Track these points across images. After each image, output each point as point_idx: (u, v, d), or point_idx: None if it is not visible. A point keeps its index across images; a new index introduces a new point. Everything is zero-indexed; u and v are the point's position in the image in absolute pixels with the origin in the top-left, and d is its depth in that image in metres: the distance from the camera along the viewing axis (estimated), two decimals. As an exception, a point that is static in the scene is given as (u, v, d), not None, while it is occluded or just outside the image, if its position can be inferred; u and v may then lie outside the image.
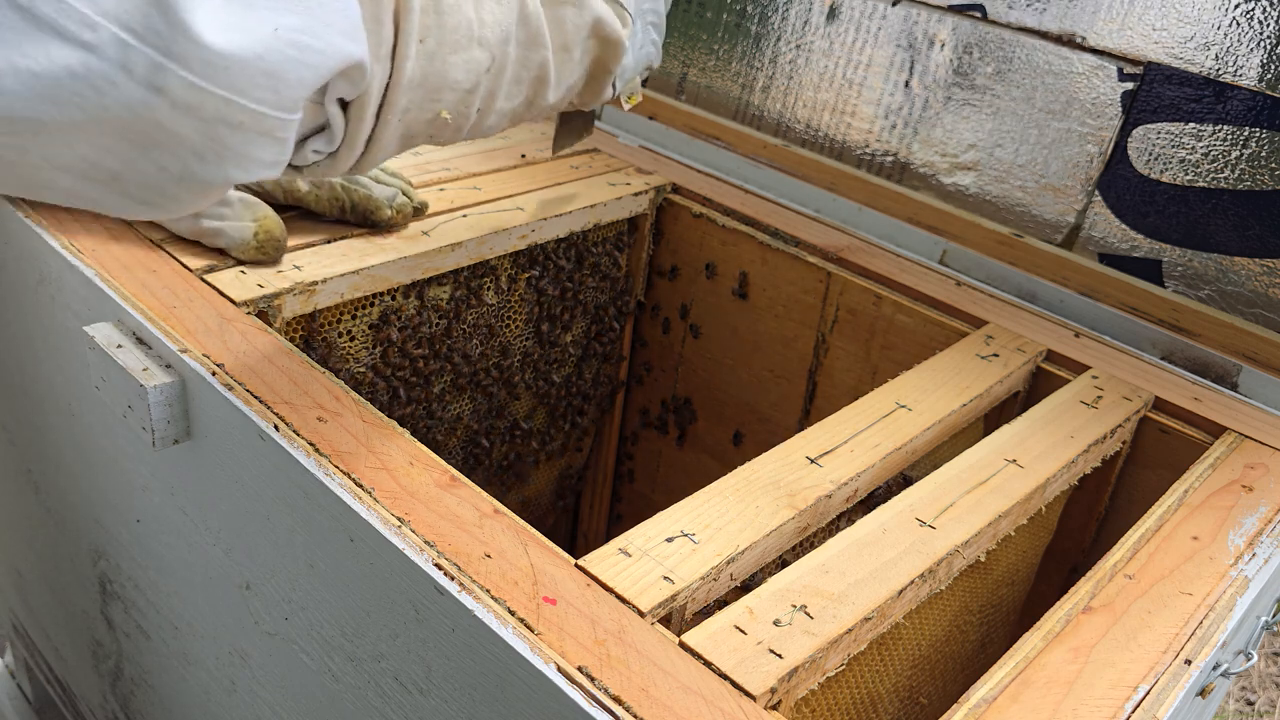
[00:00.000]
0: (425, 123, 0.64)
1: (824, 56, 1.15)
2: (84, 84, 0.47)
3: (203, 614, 0.83)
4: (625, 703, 0.50)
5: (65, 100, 0.47)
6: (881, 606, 0.60)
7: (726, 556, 0.62)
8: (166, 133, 0.50)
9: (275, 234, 0.84)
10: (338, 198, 0.91)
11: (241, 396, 0.67)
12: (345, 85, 0.56)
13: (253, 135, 0.52)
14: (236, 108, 0.50)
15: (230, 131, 0.51)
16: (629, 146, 1.22)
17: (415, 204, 0.95)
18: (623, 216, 1.10)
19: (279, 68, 0.51)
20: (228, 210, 0.83)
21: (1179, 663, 0.59)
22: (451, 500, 0.62)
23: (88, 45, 0.46)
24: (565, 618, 0.55)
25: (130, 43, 0.47)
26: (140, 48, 0.47)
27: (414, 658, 0.60)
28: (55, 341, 0.87)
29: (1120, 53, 0.95)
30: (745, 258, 1.10)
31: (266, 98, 0.51)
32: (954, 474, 0.72)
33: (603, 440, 1.30)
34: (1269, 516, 0.73)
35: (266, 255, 0.84)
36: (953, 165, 1.08)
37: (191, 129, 0.50)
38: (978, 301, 0.97)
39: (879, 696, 0.68)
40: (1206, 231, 0.93)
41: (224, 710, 0.86)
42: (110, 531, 0.92)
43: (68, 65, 0.46)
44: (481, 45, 0.63)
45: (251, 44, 0.49)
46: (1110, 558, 0.67)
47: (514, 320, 1.06)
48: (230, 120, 0.50)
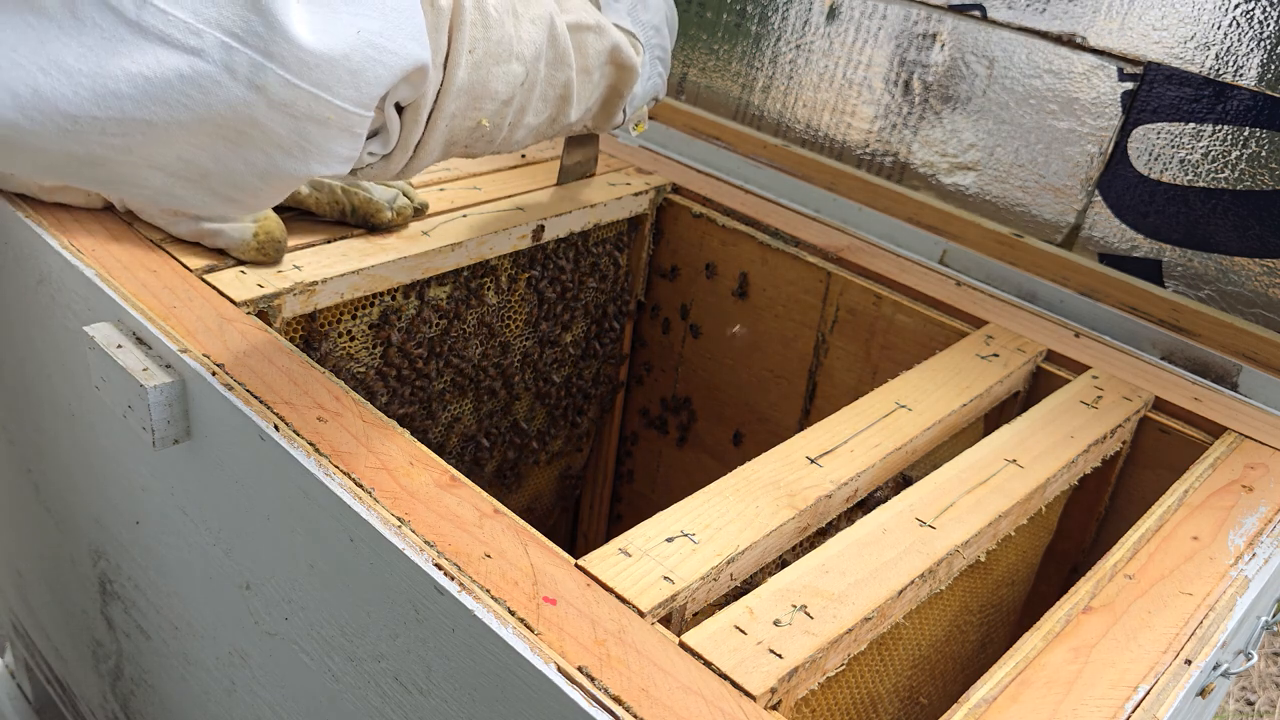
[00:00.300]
0: (467, 130, 0.69)
1: (824, 56, 1.15)
2: (191, 85, 0.51)
3: (203, 614, 0.83)
4: (625, 703, 0.50)
5: (174, 101, 0.51)
6: (881, 606, 0.60)
7: (726, 556, 0.62)
8: (260, 129, 0.54)
9: (275, 235, 0.84)
10: (338, 200, 0.91)
11: (241, 396, 0.67)
12: (407, 89, 0.61)
13: (335, 131, 0.56)
14: (324, 104, 0.54)
15: (317, 128, 0.55)
16: (629, 146, 1.22)
17: (416, 205, 0.95)
18: (623, 216, 1.11)
19: (361, 67, 0.55)
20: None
21: (1179, 663, 0.59)
22: (451, 500, 0.62)
23: (194, 50, 0.50)
24: (565, 618, 0.55)
25: (233, 45, 0.51)
26: (242, 49, 0.51)
27: (414, 658, 0.60)
28: (55, 341, 0.87)
29: (1120, 53, 0.95)
30: (745, 258, 1.10)
31: (350, 95, 0.55)
32: (954, 474, 0.72)
33: (603, 440, 1.30)
34: (1269, 516, 0.73)
35: (266, 256, 0.84)
36: (953, 165, 1.08)
37: (283, 125, 0.54)
38: (978, 301, 0.97)
39: (879, 696, 0.68)
40: (1206, 231, 0.93)
41: (224, 710, 0.86)
42: (110, 531, 0.92)
43: (177, 69, 0.50)
44: (519, 60, 0.69)
45: (338, 44, 0.54)
46: (1110, 558, 0.67)
47: (514, 320, 1.06)
48: (318, 116, 0.55)
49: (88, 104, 0.50)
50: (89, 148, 0.52)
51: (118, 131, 0.51)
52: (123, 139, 0.52)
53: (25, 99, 0.49)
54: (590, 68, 0.78)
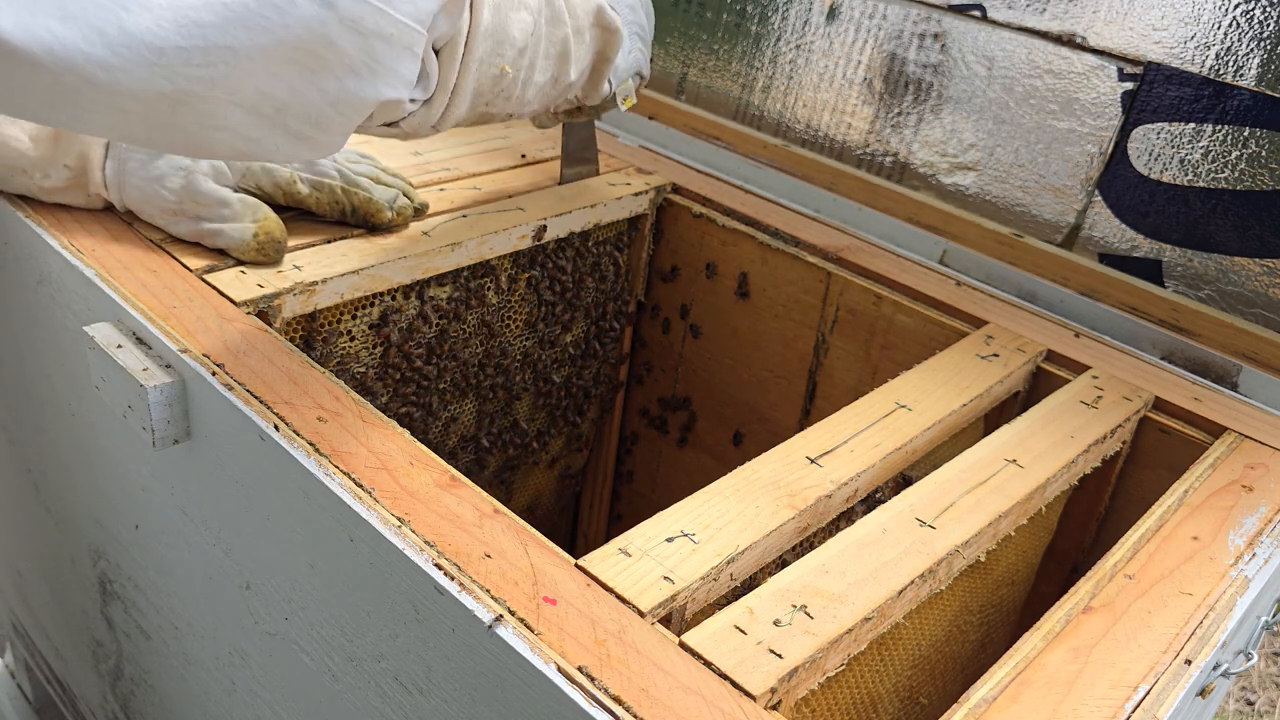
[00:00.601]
0: (492, 80, 0.74)
1: (824, 56, 1.15)
2: (267, 5, 0.54)
3: (203, 614, 0.83)
4: (625, 703, 0.50)
5: (253, 24, 0.54)
6: (881, 606, 0.60)
7: (726, 556, 0.62)
8: (333, 49, 0.58)
9: (275, 235, 0.84)
10: (338, 200, 0.91)
11: (241, 396, 0.67)
12: (445, 22, 0.66)
13: (399, 49, 0.61)
14: (388, 19, 0.58)
15: (383, 44, 0.59)
16: (629, 146, 1.22)
17: (416, 205, 0.95)
18: (623, 216, 1.10)
19: None
20: (228, 211, 0.83)
21: (1179, 663, 0.59)
22: (451, 500, 0.62)
23: None
24: (565, 618, 0.55)
25: None
26: None
27: (414, 658, 0.60)
28: (55, 341, 0.87)
29: (1120, 53, 0.95)
30: (745, 258, 1.10)
31: (408, 9, 0.60)
32: (954, 474, 0.72)
33: (603, 440, 1.30)
34: (1269, 516, 0.73)
35: (267, 256, 0.84)
36: (953, 165, 1.08)
37: (353, 44, 0.58)
38: (978, 301, 0.97)
39: (879, 696, 0.68)
40: (1206, 231, 0.93)
41: (224, 710, 0.86)
42: (110, 531, 0.92)
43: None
44: (527, 9, 0.75)
45: None
46: (1110, 558, 0.67)
47: (514, 320, 1.06)
48: (383, 33, 0.59)
49: (171, 34, 0.52)
50: (175, 82, 0.54)
51: (202, 61, 0.54)
52: (206, 69, 0.54)
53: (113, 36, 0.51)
54: (581, 28, 0.82)
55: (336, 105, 0.60)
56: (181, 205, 0.83)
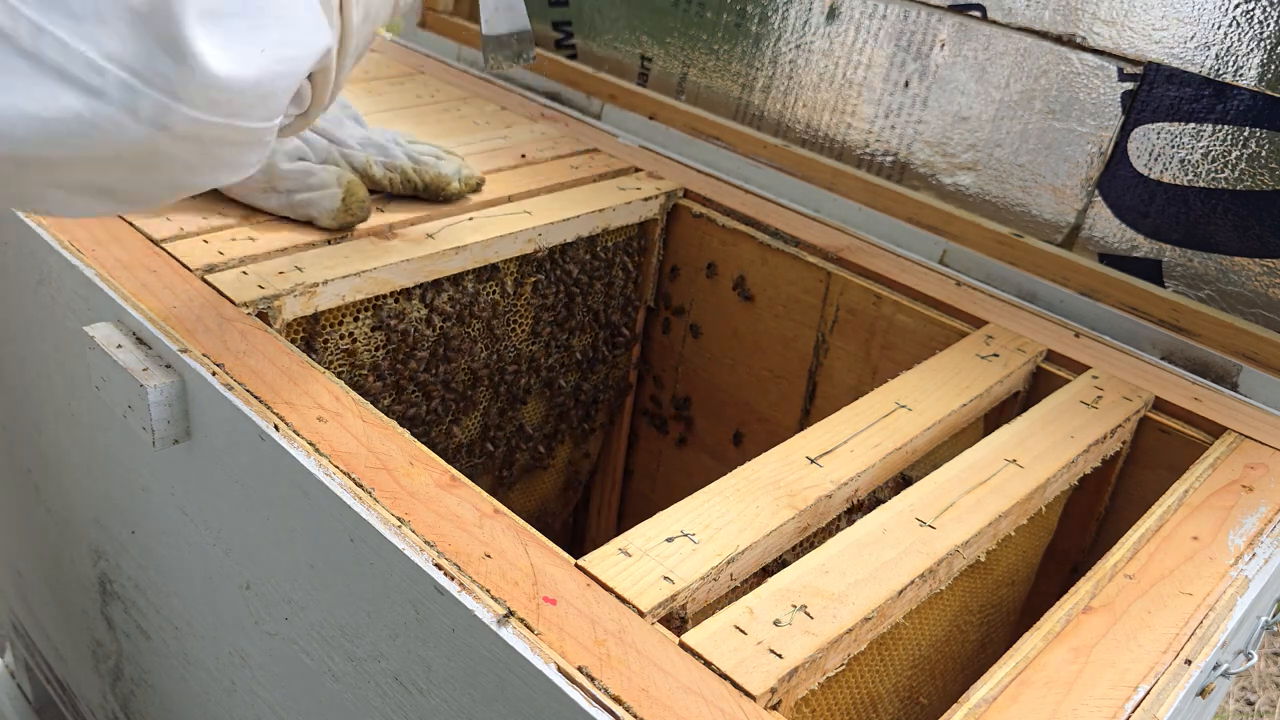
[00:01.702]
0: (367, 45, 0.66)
1: (824, 56, 1.15)
2: (90, 127, 0.48)
3: (203, 614, 0.83)
4: (625, 703, 0.50)
5: (71, 143, 0.48)
6: (881, 606, 0.60)
7: (726, 556, 0.62)
8: (166, 157, 0.51)
9: (359, 194, 0.90)
10: (409, 179, 0.97)
11: (241, 396, 0.67)
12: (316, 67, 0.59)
13: (245, 147, 0.55)
14: (235, 130, 0.52)
15: (227, 148, 0.53)
16: (629, 146, 1.22)
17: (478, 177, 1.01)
18: (632, 221, 1.10)
19: (271, 87, 0.53)
20: (314, 180, 0.89)
21: (1179, 663, 0.59)
22: (451, 500, 0.62)
23: (94, 90, 0.47)
24: (565, 618, 0.55)
25: (137, 87, 0.47)
26: (147, 91, 0.48)
27: (414, 658, 0.60)
28: (55, 341, 0.87)
29: (1120, 53, 0.95)
30: (745, 258, 1.10)
31: (260, 115, 0.53)
32: (954, 474, 0.72)
33: (610, 444, 1.30)
34: (1269, 516, 0.73)
35: (354, 216, 0.89)
36: (953, 165, 1.08)
37: (191, 153, 0.52)
38: (978, 301, 0.97)
39: (879, 696, 0.68)
40: (1206, 231, 0.93)
41: (224, 710, 0.86)
42: (110, 532, 0.92)
43: (75, 110, 0.47)
44: None
45: (248, 71, 0.51)
46: (1110, 558, 0.67)
47: (520, 324, 1.06)
48: (228, 140, 0.53)
49: None
50: None
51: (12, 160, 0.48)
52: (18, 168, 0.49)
53: None
54: None
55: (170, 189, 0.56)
56: (272, 182, 0.88)
